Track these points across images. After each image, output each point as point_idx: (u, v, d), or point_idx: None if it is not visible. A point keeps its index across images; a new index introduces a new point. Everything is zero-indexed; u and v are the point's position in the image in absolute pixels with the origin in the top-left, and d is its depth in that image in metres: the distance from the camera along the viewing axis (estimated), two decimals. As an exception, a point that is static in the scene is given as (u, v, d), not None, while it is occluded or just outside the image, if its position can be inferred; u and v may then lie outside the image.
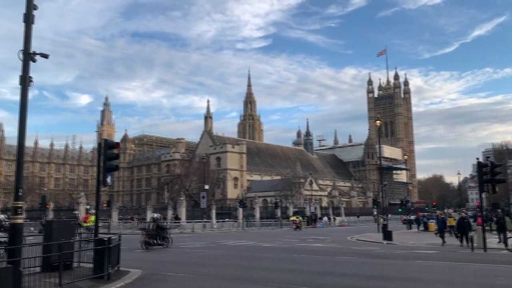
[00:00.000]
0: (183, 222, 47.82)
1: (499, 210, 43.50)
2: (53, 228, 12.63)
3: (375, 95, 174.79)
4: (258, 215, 60.19)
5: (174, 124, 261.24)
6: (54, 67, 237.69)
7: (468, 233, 23.02)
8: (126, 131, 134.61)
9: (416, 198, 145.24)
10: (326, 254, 20.11)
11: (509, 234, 23.56)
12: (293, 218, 55.38)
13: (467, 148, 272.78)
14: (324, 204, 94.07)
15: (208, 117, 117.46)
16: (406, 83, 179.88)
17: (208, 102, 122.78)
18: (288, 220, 57.96)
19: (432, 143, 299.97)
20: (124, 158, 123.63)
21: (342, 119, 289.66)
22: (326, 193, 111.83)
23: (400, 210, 62.96)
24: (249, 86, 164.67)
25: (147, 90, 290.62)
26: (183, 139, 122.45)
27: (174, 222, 45.18)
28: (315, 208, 70.60)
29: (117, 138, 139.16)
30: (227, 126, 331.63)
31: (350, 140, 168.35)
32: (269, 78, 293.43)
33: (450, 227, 28.61)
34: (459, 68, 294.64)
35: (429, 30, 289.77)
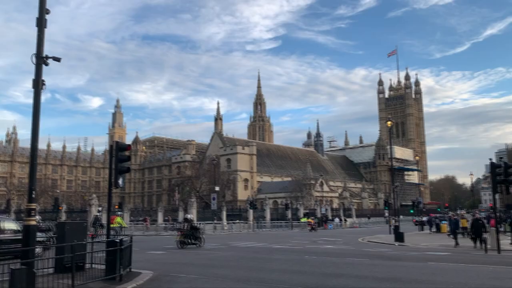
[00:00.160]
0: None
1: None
2: (65, 229, 12.77)
3: (386, 96, 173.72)
4: (268, 216, 60.13)
5: (185, 126, 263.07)
6: (66, 70, 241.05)
7: (482, 234, 22.76)
8: (137, 133, 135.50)
9: (428, 199, 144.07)
10: (337, 256, 20.00)
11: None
12: (307, 220, 55.83)
13: (479, 149, 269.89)
14: (335, 205, 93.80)
15: (218, 118, 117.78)
16: (417, 83, 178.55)
17: (218, 104, 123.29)
18: (299, 222, 57.90)
19: (444, 144, 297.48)
20: (135, 160, 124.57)
21: (352, 120, 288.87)
22: (337, 194, 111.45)
23: (411, 211, 62.50)
24: (258, 87, 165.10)
25: (157, 92, 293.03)
26: (194, 141, 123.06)
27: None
28: (326, 209, 70.28)
29: (128, 140, 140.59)
30: (237, 127, 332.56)
31: (361, 141, 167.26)
32: (279, 80, 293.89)
33: (463, 228, 28.38)
34: (471, 68, 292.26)
35: (440, 30, 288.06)
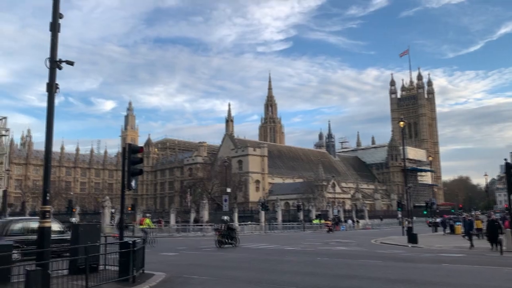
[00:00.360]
0: (205, 225, 48.14)
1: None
2: (79, 231, 12.90)
3: (398, 96, 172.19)
4: (280, 218, 60.00)
5: (196, 128, 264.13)
6: (79, 74, 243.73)
7: (498, 236, 22.43)
8: (149, 135, 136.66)
9: (441, 200, 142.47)
10: (350, 257, 19.89)
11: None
12: (319, 221, 55.72)
13: (494, 149, 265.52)
14: (347, 207, 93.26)
15: (229, 120, 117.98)
16: (430, 83, 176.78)
17: (229, 105, 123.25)
18: (311, 223, 57.77)
19: (458, 144, 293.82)
20: (148, 162, 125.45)
21: (364, 120, 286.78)
22: (349, 195, 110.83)
23: (425, 212, 61.81)
24: (270, 89, 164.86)
25: (169, 94, 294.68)
26: (205, 142, 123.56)
27: (195, 225, 45.44)
28: (338, 211, 69.91)
29: (140, 142, 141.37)
30: (248, 129, 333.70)
31: (373, 142, 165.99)
32: (290, 81, 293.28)
33: (477, 229, 28.03)
34: (485, 67, 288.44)
35: (453, 29, 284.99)
